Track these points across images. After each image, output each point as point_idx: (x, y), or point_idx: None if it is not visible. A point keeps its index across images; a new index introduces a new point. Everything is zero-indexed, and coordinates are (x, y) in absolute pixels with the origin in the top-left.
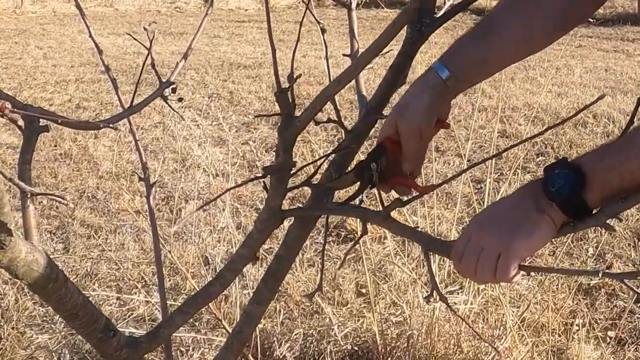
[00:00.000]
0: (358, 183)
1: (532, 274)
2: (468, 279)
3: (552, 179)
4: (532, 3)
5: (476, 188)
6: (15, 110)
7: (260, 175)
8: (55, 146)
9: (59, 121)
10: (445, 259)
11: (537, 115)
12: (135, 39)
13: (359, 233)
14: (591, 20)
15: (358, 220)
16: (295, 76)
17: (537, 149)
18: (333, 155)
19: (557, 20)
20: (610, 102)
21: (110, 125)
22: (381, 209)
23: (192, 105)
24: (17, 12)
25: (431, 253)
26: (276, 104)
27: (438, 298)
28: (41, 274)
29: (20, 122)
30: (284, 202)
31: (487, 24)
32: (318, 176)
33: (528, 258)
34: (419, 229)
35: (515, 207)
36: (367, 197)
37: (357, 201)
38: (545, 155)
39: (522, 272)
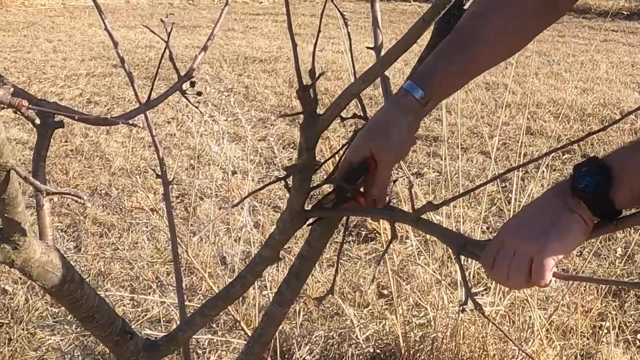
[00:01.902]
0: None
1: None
2: (494, 281)
3: (579, 177)
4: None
5: (501, 186)
6: (32, 107)
7: (281, 175)
8: (66, 142)
9: (76, 117)
10: (466, 262)
11: (561, 111)
12: (153, 32)
13: (380, 233)
14: (624, 12)
15: (380, 220)
16: (317, 73)
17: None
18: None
19: (539, 14)
20: (638, 97)
21: (129, 121)
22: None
23: (207, 100)
24: (26, 4)
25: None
26: (293, 99)
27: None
28: (56, 275)
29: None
30: None
31: (464, 35)
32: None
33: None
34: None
35: (545, 208)
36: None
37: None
38: (572, 153)
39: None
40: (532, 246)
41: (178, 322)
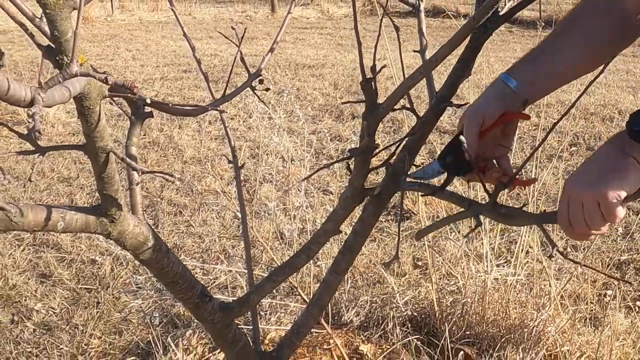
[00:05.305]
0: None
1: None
2: (518, 252)
3: (636, 121)
4: (599, 15)
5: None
6: (136, 92)
7: (341, 158)
8: (145, 135)
9: (170, 105)
10: (490, 238)
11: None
12: (227, 38)
13: (415, 213)
14: None
15: (414, 199)
16: (377, 69)
17: (570, 140)
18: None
19: (621, 32)
20: (633, 100)
21: (217, 108)
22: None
23: (265, 99)
24: (108, 19)
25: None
26: (338, 99)
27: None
28: (147, 245)
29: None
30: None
31: (554, 40)
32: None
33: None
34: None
35: (602, 157)
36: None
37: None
38: (578, 146)
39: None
40: (594, 192)
41: (243, 288)
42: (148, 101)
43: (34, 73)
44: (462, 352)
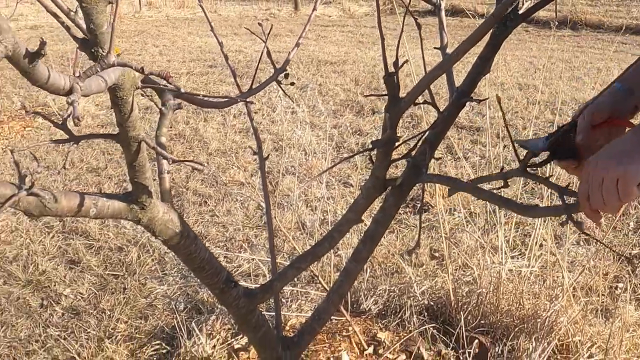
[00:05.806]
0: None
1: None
2: (532, 244)
3: None
4: None
5: (532, 169)
6: (171, 82)
7: (363, 149)
8: (171, 128)
9: (200, 96)
10: (505, 231)
11: None
12: (254, 34)
13: (432, 205)
14: None
15: (432, 192)
16: (400, 63)
17: None
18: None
19: None
20: None
21: (247, 100)
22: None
23: (289, 94)
24: (136, 16)
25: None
26: (359, 94)
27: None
28: (175, 231)
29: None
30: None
31: None
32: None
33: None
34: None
35: (626, 141)
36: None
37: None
38: None
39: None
40: (615, 169)
41: (265, 276)
42: (182, 90)
43: (63, 67)
44: (476, 341)
